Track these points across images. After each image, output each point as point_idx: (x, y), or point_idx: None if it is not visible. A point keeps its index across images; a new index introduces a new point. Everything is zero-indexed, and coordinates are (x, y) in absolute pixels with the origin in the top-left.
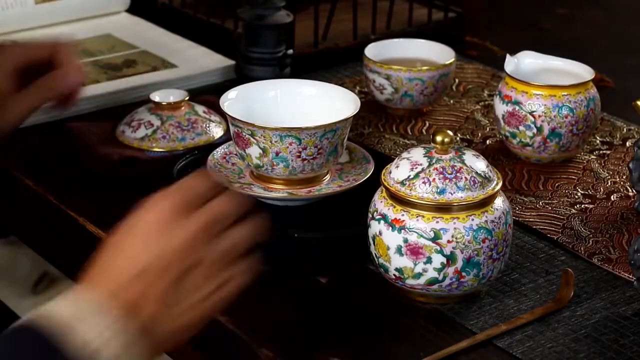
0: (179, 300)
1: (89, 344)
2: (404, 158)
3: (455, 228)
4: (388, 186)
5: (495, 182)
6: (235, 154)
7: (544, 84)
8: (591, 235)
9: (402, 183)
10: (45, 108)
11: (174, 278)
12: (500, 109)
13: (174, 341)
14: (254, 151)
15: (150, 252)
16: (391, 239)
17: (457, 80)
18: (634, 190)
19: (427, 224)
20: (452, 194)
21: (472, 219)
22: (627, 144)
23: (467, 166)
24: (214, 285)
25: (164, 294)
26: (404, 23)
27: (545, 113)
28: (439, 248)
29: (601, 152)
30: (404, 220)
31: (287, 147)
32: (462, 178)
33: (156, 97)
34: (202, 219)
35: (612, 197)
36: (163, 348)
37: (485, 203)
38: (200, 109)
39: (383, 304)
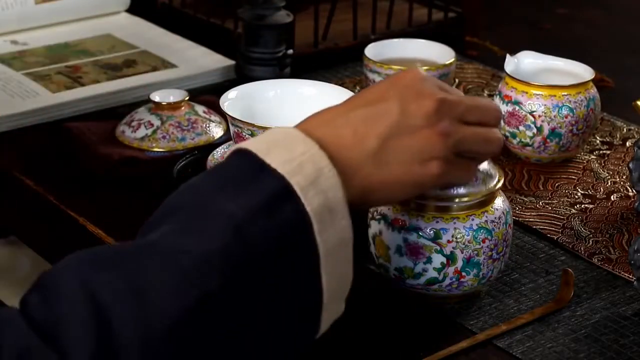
0: (392, 154)
1: (284, 165)
2: None
3: (455, 228)
4: None
5: (497, 179)
6: None
7: (544, 84)
8: (591, 235)
9: None
10: (46, 108)
11: (401, 132)
12: (500, 109)
13: (370, 196)
14: None
15: (387, 98)
16: (391, 239)
17: (457, 80)
18: (634, 190)
19: (427, 224)
20: (453, 190)
21: (472, 219)
22: (627, 144)
23: None
24: (435, 158)
25: (378, 144)
26: (404, 23)
27: (545, 113)
28: (439, 248)
29: (601, 152)
30: (404, 220)
31: None
32: None
33: (156, 97)
34: (457, 97)
35: (612, 197)
36: (357, 198)
37: (485, 203)
38: (200, 109)
39: (383, 304)
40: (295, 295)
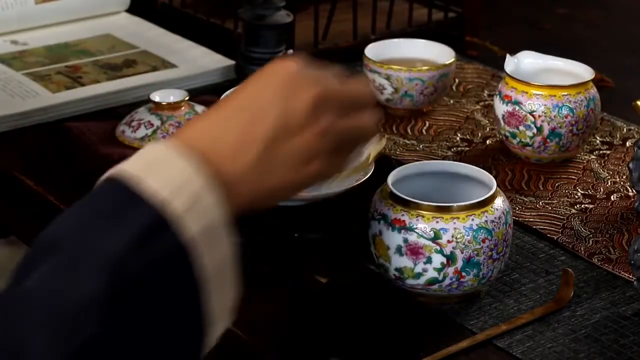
0: (277, 160)
1: (158, 193)
2: None
3: (455, 228)
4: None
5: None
6: None
7: (544, 84)
8: (591, 235)
9: None
10: (46, 108)
11: (284, 135)
12: (500, 109)
13: (259, 203)
14: None
15: (264, 98)
16: (391, 239)
17: (457, 80)
18: (634, 190)
19: (427, 224)
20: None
21: (472, 219)
22: (627, 144)
23: None
24: (318, 156)
25: (262, 150)
26: (404, 23)
27: (545, 113)
28: (439, 248)
29: (601, 152)
30: (404, 220)
31: None
32: None
33: (156, 97)
34: (334, 87)
35: (612, 197)
36: (245, 207)
37: (485, 203)
38: (200, 109)
39: (383, 304)
40: (180, 323)
